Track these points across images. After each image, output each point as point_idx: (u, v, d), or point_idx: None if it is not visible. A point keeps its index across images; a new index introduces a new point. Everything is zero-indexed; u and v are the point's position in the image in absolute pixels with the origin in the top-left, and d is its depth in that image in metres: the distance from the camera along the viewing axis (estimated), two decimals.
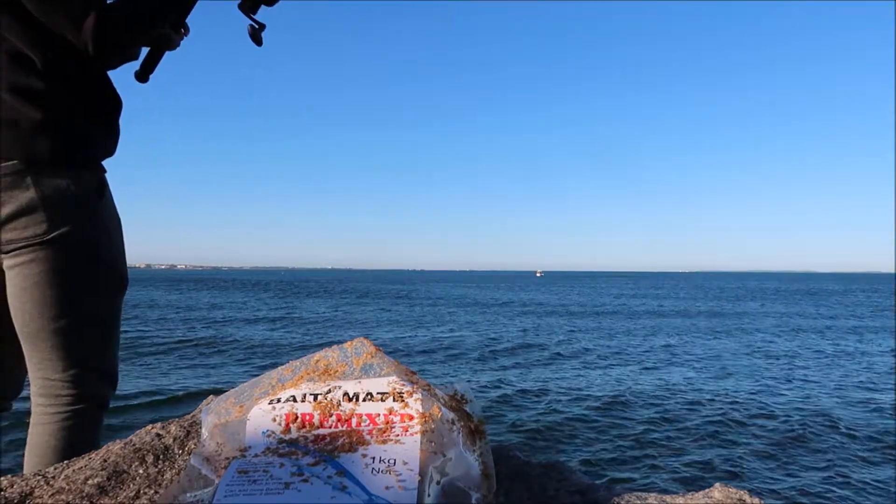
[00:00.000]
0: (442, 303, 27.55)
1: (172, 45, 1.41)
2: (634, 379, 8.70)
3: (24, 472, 1.27)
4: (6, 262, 1.23)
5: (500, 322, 18.03)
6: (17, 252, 1.21)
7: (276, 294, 34.91)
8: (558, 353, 11.29)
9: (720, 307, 25.82)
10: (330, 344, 0.92)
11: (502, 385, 8.02)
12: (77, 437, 1.29)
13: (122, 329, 1.45)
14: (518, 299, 31.63)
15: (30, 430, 1.31)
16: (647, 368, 9.75)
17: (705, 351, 11.84)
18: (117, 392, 1.44)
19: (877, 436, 5.83)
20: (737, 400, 7.34)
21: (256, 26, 1.41)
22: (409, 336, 13.44)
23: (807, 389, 8.11)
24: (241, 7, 1.42)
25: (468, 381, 0.88)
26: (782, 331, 16.05)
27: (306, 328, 16.01)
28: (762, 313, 22.14)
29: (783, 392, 7.93)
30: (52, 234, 1.21)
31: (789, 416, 6.57)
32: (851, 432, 5.92)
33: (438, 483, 0.64)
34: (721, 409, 6.88)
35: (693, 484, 4.47)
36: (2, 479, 0.75)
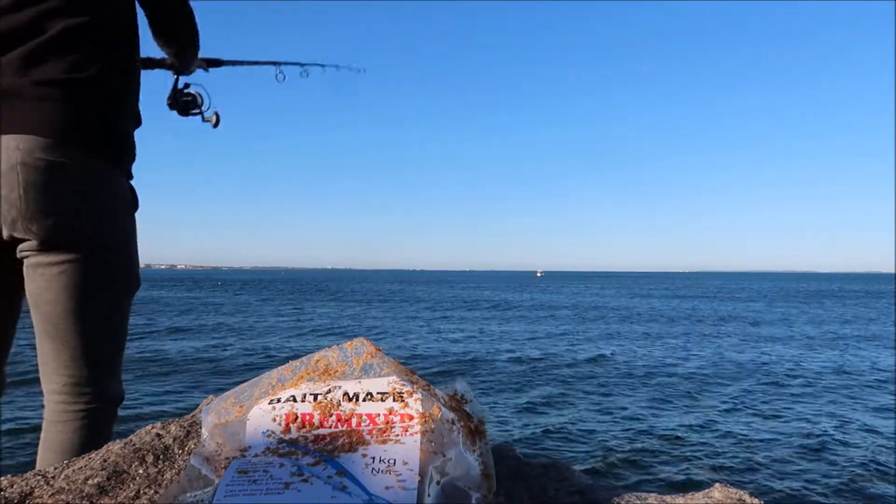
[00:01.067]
0: (454, 305, 26.95)
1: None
2: (638, 380, 8.70)
3: (37, 468, 1.27)
4: (32, 260, 1.24)
5: (519, 327, 17.97)
6: (52, 252, 1.22)
7: (279, 293, 34.90)
8: (573, 356, 11.30)
9: (737, 309, 25.55)
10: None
11: (511, 382, 8.03)
12: (95, 435, 1.31)
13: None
14: (528, 301, 31.18)
15: (45, 428, 1.32)
16: (652, 369, 9.75)
17: (716, 349, 11.84)
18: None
19: (882, 437, 5.83)
20: (738, 400, 7.34)
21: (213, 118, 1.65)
22: (425, 346, 13.19)
23: (811, 391, 8.10)
24: (174, 107, 1.69)
25: (468, 382, 0.88)
26: (793, 332, 16.05)
27: (311, 333, 16.01)
28: (780, 317, 22.09)
29: (786, 392, 7.93)
30: (90, 237, 1.25)
31: (793, 417, 6.57)
32: (856, 433, 5.92)
33: (438, 483, 0.64)
34: (722, 409, 6.88)
35: (693, 484, 4.46)
36: (2, 479, 0.75)
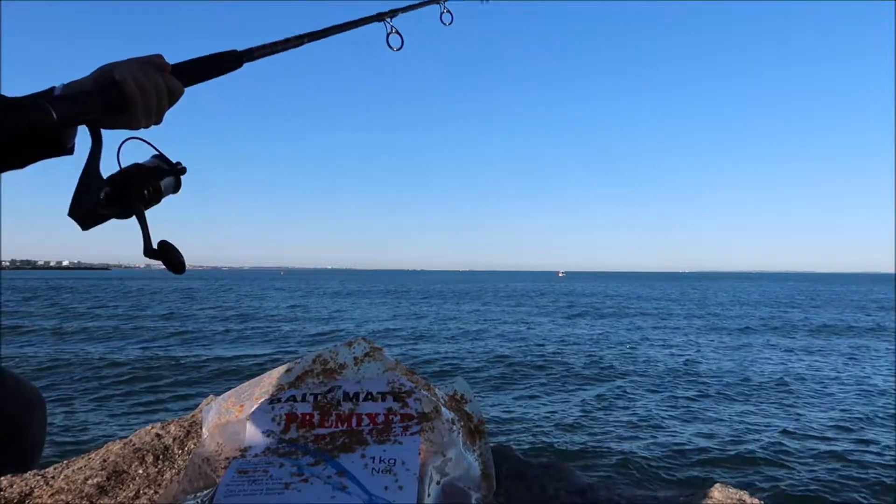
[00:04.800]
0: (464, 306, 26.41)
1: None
2: (641, 382, 8.71)
3: None
4: None
5: (522, 326, 17.86)
6: None
7: (284, 294, 34.81)
8: (576, 357, 11.28)
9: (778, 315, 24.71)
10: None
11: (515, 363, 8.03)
12: None
13: (124, 331, 1.44)
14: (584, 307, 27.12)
15: None
16: (654, 371, 9.75)
17: (717, 352, 11.84)
18: (119, 393, 1.43)
19: (884, 437, 5.83)
20: (738, 401, 7.34)
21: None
22: (426, 346, 13.15)
23: (814, 391, 8.11)
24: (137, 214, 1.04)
25: (468, 382, 0.87)
26: (802, 337, 16.06)
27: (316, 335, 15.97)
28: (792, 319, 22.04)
29: (788, 393, 7.93)
30: None
31: (795, 418, 6.57)
32: (858, 434, 5.92)
33: (438, 483, 0.64)
34: (723, 409, 6.88)
35: (693, 484, 4.46)
36: (2, 479, 0.75)
